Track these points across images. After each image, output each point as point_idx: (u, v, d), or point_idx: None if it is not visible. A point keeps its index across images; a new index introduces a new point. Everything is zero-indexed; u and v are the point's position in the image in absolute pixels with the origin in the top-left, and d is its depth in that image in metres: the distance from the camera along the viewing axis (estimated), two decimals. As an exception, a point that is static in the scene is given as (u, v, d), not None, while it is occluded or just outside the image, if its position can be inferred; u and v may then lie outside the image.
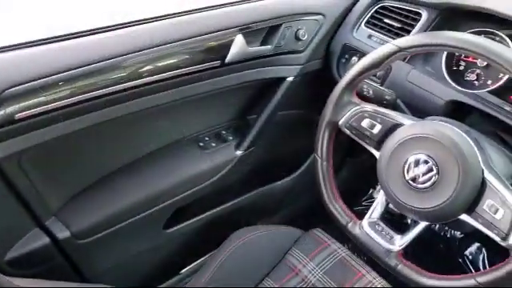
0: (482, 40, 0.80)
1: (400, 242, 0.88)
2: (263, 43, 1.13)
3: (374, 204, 0.92)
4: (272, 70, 1.18)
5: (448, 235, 1.54)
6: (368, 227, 0.91)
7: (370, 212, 0.92)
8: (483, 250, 1.49)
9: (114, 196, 1.11)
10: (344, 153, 1.58)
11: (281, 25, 1.13)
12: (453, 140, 0.80)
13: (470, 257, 1.50)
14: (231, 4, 1.09)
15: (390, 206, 0.91)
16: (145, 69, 0.96)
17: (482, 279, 0.77)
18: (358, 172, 1.65)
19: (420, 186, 0.82)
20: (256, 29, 1.09)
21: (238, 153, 1.27)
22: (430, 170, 0.81)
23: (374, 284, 1.03)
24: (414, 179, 0.82)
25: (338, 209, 0.95)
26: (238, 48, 1.06)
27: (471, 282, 0.78)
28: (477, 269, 1.47)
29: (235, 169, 1.28)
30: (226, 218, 1.38)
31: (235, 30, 1.06)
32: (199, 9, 1.05)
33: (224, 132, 1.29)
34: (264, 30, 1.13)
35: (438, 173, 0.80)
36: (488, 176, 0.78)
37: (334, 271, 1.06)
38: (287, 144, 1.45)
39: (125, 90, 0.93)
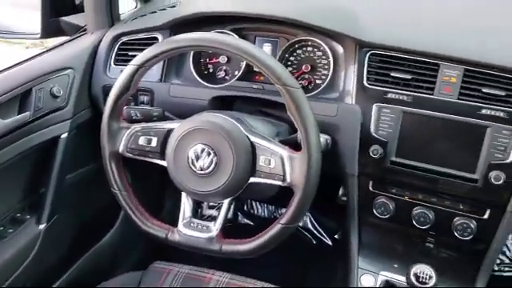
0: (208, 34, 0.94)
1: (215, 226, 0.95)
2: (20, 111, 1.11)
3: (182, 206, 0.98)
4: (42, 133, 1.16)
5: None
6: (185, 228, 0.97)
7: (181, 215, 0.98)
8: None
9: None
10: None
11: (31, 89, 1.12)
12: (216, 123, 0.92)
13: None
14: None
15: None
16: None
17: (284, 221, 0.90)
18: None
19: (208, 171, 0.91)
20: (6, 100, 1.06)
21: (42, 227, 1.20)
22: (209, 154, 0.91)
23: (221, 281, 1.10)
24: (201, 168, 0.91)
25: (153, 227, 0.99)
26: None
27: (278, 226, 0.90)
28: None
29: (45, 242, 1.20)
30: None
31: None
32: None
33: (19, 214, 1.21)
34: (17, 99, 1.10)
35: (215, 154, 0.91)
36: (253, 139, 0.92)
37: (185, 289, 1.09)
38: (98, 199, 1.42)
39: None
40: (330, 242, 1.90)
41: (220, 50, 0.91)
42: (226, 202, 0.95)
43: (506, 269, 1.78)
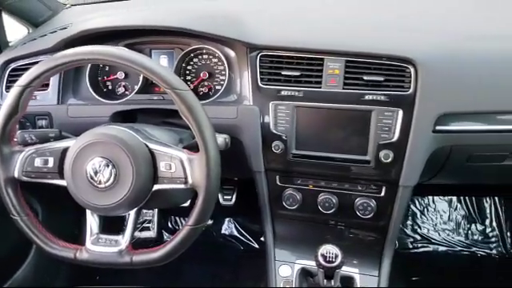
0: (89, 48, 0.93)
1: (124, 239, 0.94)
2: None
3: (88, 223, 0.97)
4: None
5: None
6: (93, 245, 0.95)
7: (88, 232, 0.96)
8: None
9: None
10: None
11: None
12: (111, 135, 0.92)
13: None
14: None
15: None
16: None
17: (191, 222, 0.91)
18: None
19: (108, 184, 0.90)
20: None
21: None
22: (107, 166, 0.90)
23: None
24: (100, 182, 0.90)
25: (59, 248, 0.96)
26: None
27: (186, 228, 0.91)
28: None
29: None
30: None
31: None
32: None
33: None
34: None
35: (114, 166, 0.90)
36: (152, 146, 0.93)
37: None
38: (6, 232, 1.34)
39: None
40: (256, 245, 1.94)
41: (103, 62, 0.91)
42: (132, 213, 0.95)
43: (420, 245, 1.92)
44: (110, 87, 1.30)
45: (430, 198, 2.00)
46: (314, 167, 1.16)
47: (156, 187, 0.93)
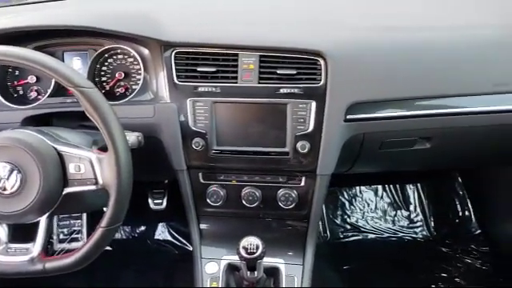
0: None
1: (36, 247, 0.90)
2: None
3: (-6, 233, 0.92)
4: None
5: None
6: (2, 256, 0.90)
7: (-5, 243, 0.91)
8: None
9: None
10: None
11: None
12: (16, 138, 0.88)
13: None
14: None
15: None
16: None
17: (104, 223, 0.88)
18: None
19: (14, 190, 0.86)
20: None
21: None
22: (12, 172, 0.86)
23: None
24: (5, 189, 0.86)
25: None
26: None
27: (100, 231, 0.88)
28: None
29: None
30: None
31: None
32: None
33: None
34: None
35: (19, 171, 0.86)
36: (60, 148, 0.90)
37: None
38: None
39: None
40: (191, 248, 1.91)
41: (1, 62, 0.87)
42: (43, 219, 0.91)
43: (350, 234, 1.99)
44: (21, 92, 1.24)
45: (358, 188, 2.08)
46: (236, 162, 1.17)
47: (66, 190, 0.90)
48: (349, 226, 2.00)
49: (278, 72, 1.10)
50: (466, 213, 2.00)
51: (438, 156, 1.36)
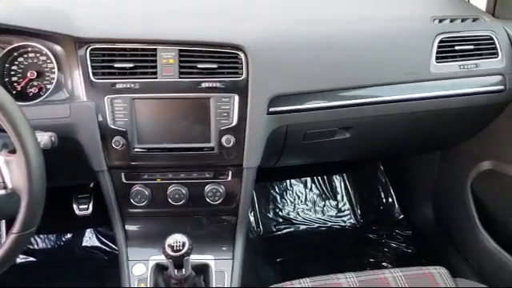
0: None
1: None
2: None
3: None
4: None
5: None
6: None
7: None
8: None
9: None
10: None
11: None
12: None
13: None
14: None
15: None
16: None
17: (16, 229, 0.83)
18: None
19: None
20: None
21: None
22: None
23: None
24: None
25: None
26: None
27: (11, 237, 0.83)
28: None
29: None
30: None
31: None
32: None
33: None
34: None
35: None
36: None
37: None
38: None
39: None
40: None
41: None
42: None
43: (282, 227, 2.02)
44: None
45: (288, 181, 2.12)
46: (160, 159, 1.14)
47: None
48: (281, 219, 2.03)
49: (199, 66, 1.09)
50: (390, 199, 2.10)
51: (358, 145, 1.41)
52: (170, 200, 1.17)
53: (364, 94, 1.19)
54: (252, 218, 2.00)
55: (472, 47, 1.24)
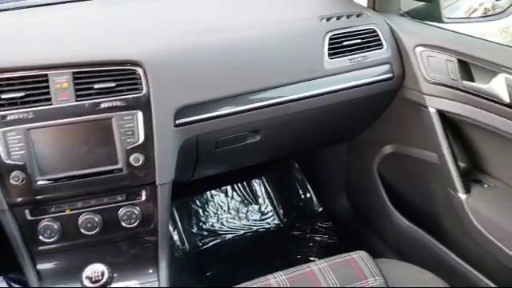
0: None
1: None
2: None
3: None
4: None
5: None
6: None
7: None
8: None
9: None
10: None
11: None
12: None
13: None
14: None
15: None
16: None
17: None
18: None
19: None
20: None
21: None
22: None
23: None
24: None
25: None
26: None
27: None
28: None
29: None
30: None
31: None
32: None
33: None
34: None
35: None
36: None
37: None
38: None
39: None
40: None
41: None
42: None
43: (208, 240, 2.00)
44: None
45: (208, 193, 2.10)
46: (67, 189, 1.07)
47: None
48: (206, 232, 2.01)
49: (96, 87, 1.05)
50: (308, 195, 2.17)
51: (270, 147, 1.45)
52: (82, 230, 1.10)
53: (267, 96, 1.22)
54: (176, 236, 1.96)
55: (359, 41, 1.32)
